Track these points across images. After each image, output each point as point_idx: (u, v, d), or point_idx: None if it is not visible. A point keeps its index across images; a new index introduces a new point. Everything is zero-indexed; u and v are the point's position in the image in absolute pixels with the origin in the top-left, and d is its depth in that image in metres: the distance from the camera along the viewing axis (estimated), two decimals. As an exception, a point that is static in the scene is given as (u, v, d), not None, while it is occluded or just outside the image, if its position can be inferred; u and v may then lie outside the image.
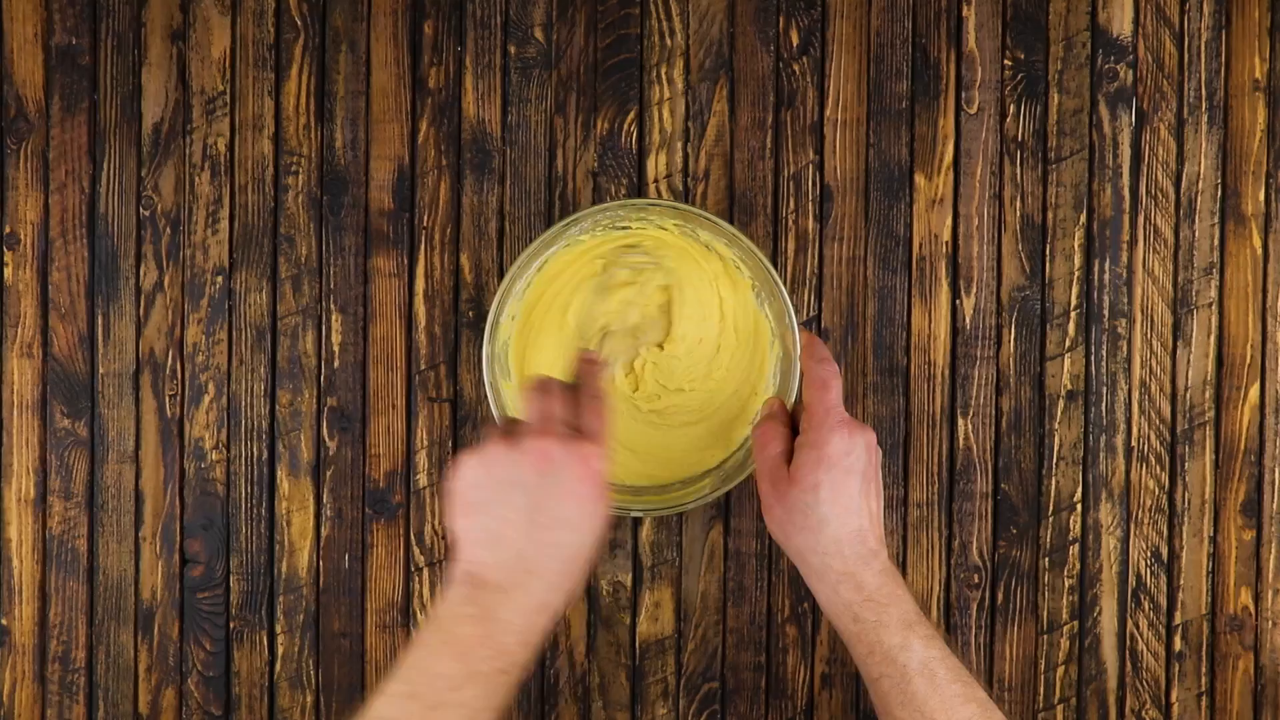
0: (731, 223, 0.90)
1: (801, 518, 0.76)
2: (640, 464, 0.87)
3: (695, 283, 0.86)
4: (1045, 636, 0.91)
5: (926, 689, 0.72)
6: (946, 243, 0.91)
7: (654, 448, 0.87)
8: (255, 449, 0.90)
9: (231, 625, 0.90)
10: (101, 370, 0.90)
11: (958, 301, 0.91)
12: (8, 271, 0.90)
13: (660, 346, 0.86)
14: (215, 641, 0.90)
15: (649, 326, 0.86)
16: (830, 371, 0.78)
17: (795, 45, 0.90)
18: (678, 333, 0.86)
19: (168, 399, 0.90)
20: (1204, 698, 0.91)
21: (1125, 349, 0.91)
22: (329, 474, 0.90)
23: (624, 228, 0.85)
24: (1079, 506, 0.91)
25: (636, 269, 0.85)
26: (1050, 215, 0.91)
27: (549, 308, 0.86)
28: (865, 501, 0.76)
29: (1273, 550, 0.91)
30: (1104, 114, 0.91)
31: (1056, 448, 0.91)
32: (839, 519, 0.75)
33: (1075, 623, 0.91)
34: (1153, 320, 0.91)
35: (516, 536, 0.69)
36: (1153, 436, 0.91)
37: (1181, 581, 0.91)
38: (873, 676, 0.74)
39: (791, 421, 0.80)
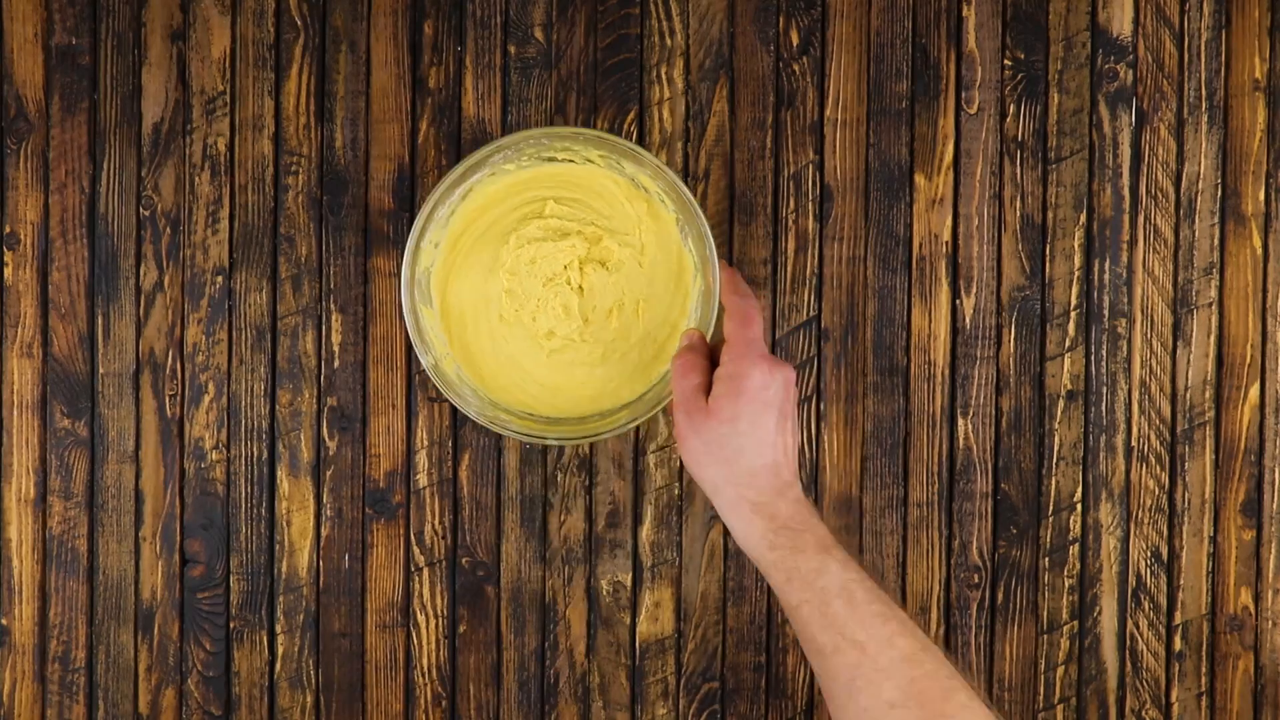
0: (731, 223, 0.90)
1: (718, 449, 0.76)
2: (556, 399, 0.87)
3: (620, 224, 0.86)
4: (1045, 636, 0.91)
5: (845, 610, 0.71)
6: (946, 243, 0.91)
7: (573, 385, 0.87)
8: (255, 449, 0.90)
9: (231, 625, 0.90)
10: (101, 370, 0.90)
11: (958, 301, 0.91)
12: (8, 271, 0.90)
13: (580, 288, 0.87)
14: (215, 641, 0.90)
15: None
16: (752, 305, 0.78)
17: (795, 45, 0.90)
18: (595, 282, 0.86)
19: (168, 399, 0.90)
20: (1204, 698, 0.91)
21: (1125, 349, 0.91)
22: (329, 474, 0.90)
23: (550, 159, 0.85)
24: (1079, 506, 0.91)
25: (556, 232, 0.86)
26: (1050, 215, 0.91)
27: (476, 240, 0.86)
28: (781, 436, 0.76)
29: (1273, 550, 0.91)
30: (1104, 114, 0.91)
31: (1056, 448, 0.91)
32: (755, 451, 0.75)
33: (1075, 623, 0.91)
34: (1153, 320, 0.91)
35: None
36: (1153, 436, 0.91)
37: (1181, 581, 0.91)
38: (792, 604, 0.73)
39: (710, 355, 0.80)
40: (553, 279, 0.86)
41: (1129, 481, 0.91)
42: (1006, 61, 0.91)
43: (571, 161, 0.86)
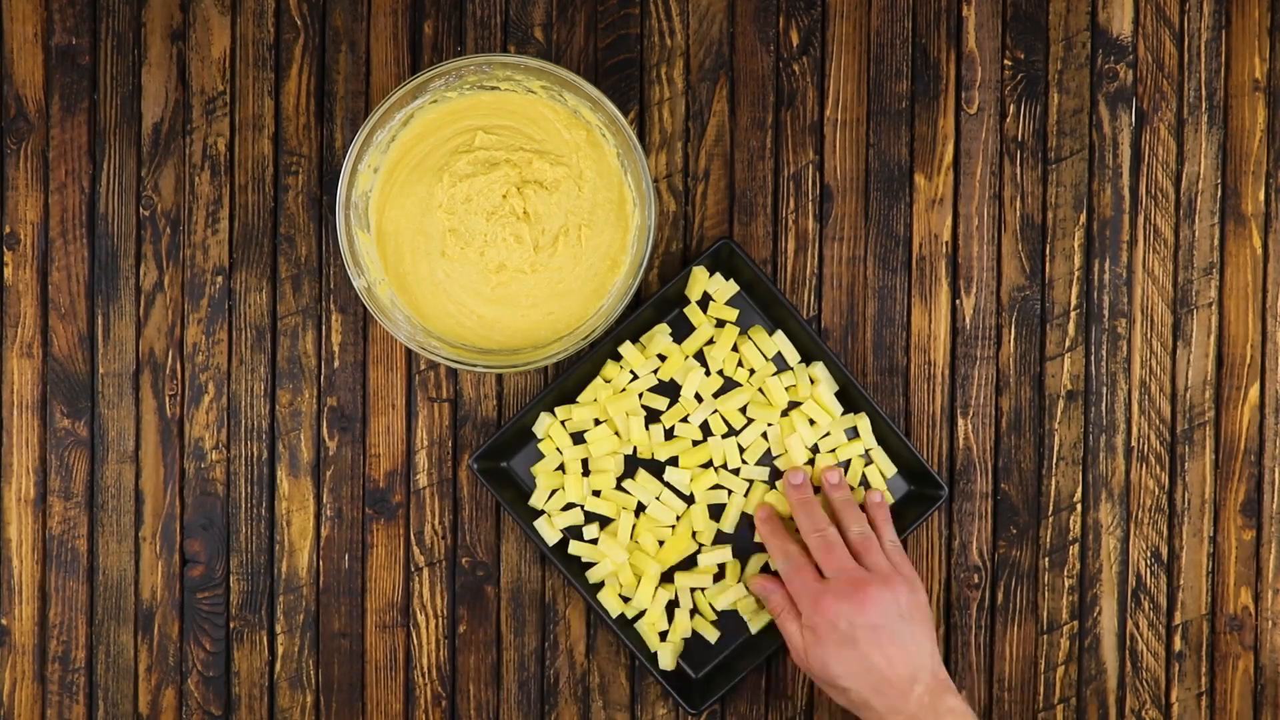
0: (731, 223, 0.90)
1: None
2: (493, 331, 0.87)
3: (554, 147, 0.86)
4: (1045, 636, 0.91)
5: None
6: (946, 243, 0.91)
7: (513, 318, 0.87)
8: (255, 449, 0.90)
9: (231, 625, 0.90)
10: (101, 370, 0.90)
11: (958, 301, 0.91)
12: (8, 271, 0.90)
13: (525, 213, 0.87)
14: (215, 641, 0.90)
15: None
16: None
17: (795, 45, 0.90)
18: (539, 211, 0.86)
19: (168, 399, 0.90)
20: (1204, 698, 0.91)
21: (1125, 349, 0.91)
22: (329, 474, 0.90)
23: (492, 88, 0.86)
24: (1079, 506, 0.91)
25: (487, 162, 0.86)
26: (1050, 215, 0.91)
27: (411, 171, 0.86)
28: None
29: (1273, 550, 0.91)
30: (1104, 114, 0.91)
31: (1056, 448, 0.91)
32: None
33: (1075, 623, 0.91)
34: (1153, 320, 0.91)
35: None
36: (1153, 436, 0.91)
37: (1181, 581, 0.91)
38: None
39: None
40: (494, 212, 0.86)
41: (1129, 481, 0.91)
42: (1006, 61, 0.91)
43: (514, 91, 0.86)
